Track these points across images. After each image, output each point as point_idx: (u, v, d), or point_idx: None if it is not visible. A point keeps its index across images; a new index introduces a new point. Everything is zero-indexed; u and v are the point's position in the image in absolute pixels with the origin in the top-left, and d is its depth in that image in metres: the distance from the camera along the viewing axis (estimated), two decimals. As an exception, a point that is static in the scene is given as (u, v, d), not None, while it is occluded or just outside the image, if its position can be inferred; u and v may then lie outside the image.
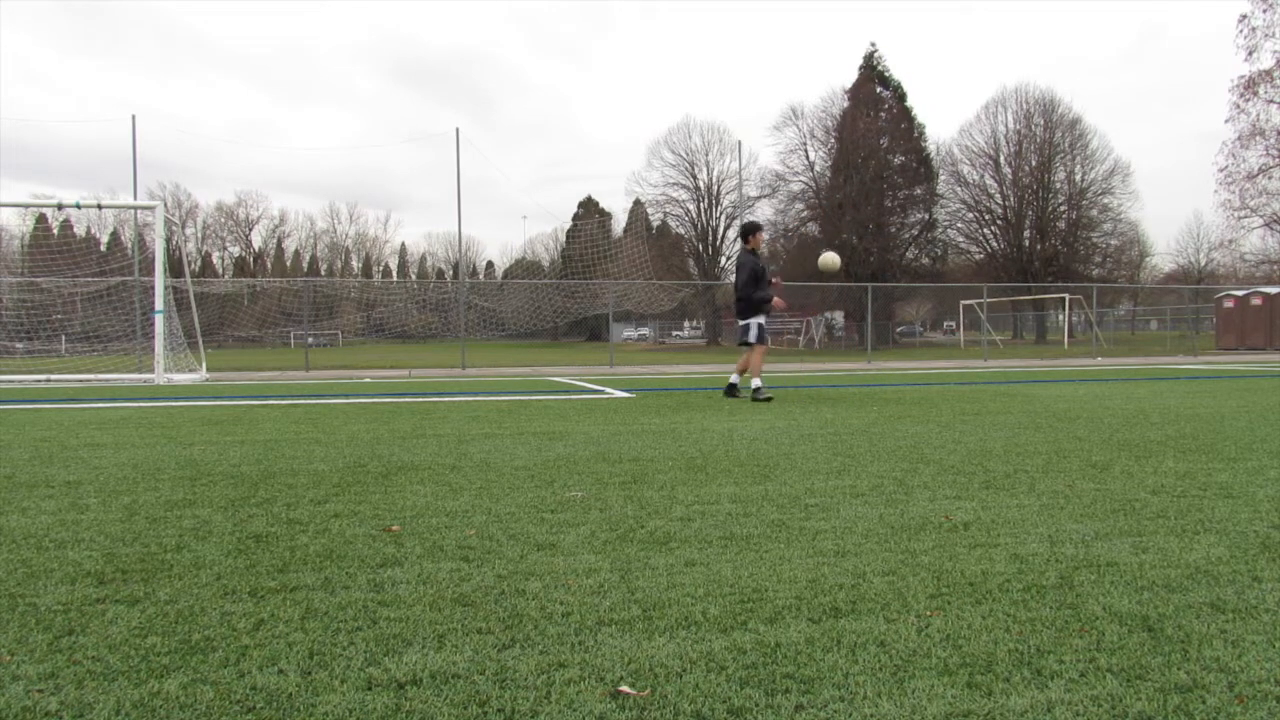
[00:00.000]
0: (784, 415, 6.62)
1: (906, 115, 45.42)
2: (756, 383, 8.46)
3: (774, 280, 8.86)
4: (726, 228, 52.85)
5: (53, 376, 13.81)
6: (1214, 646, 1.73)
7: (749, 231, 8.87)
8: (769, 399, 8.30)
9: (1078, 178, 47.38)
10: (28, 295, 20.86)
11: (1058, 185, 47.40)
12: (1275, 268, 42.74)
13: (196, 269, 64.40)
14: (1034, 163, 47.06)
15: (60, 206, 14.77)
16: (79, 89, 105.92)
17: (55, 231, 48.90)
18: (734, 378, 8.79)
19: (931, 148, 46.26)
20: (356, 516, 2.99)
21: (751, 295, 8.54)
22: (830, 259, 9.11)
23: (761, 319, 8.66)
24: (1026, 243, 47.70)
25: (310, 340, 21.68)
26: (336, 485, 3.61)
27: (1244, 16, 35.36)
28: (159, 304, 13.35)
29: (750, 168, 48.42)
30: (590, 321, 55.86)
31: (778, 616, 1.92)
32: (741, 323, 8.73)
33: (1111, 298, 55.73)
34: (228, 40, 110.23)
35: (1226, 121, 38.72)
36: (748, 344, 8.66)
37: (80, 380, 13.58)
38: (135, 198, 20.97)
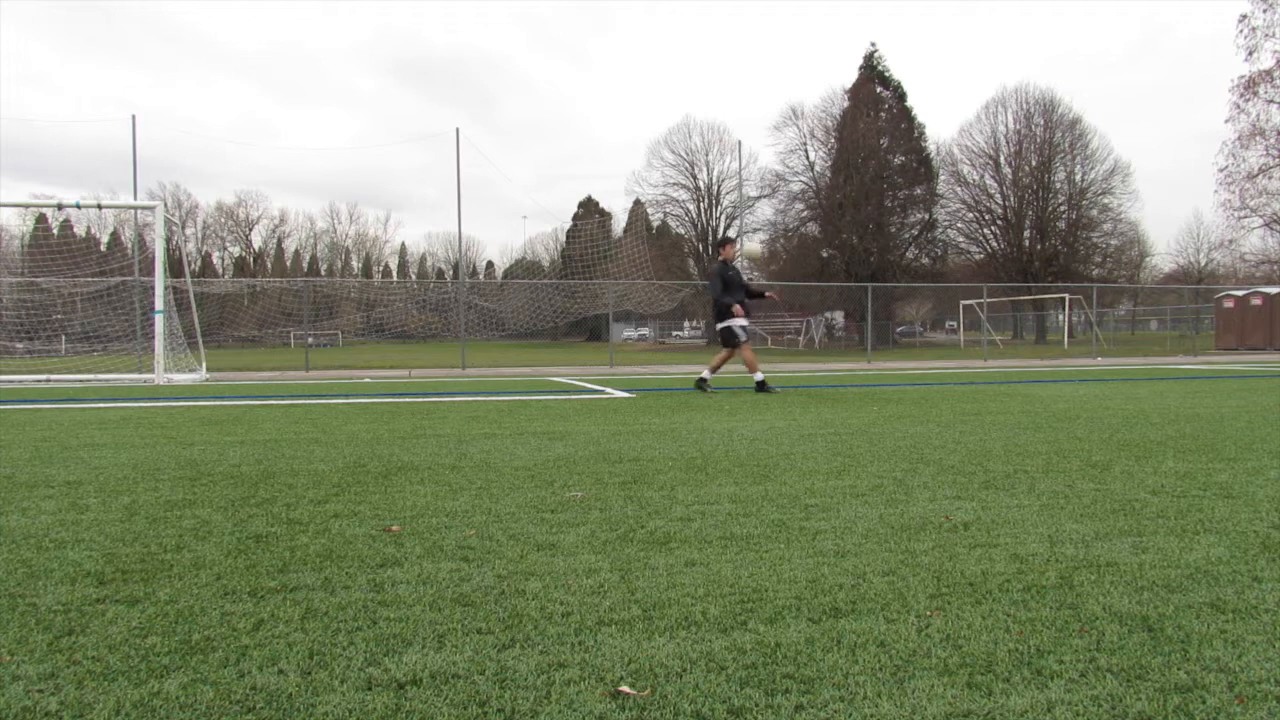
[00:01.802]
0: (784, 415, 6.62)
1: (906, 115, 45.42)
2: (708, 376, 9.64)
3: (768, 295, 10.46)
4: (726, 228, 52.87)
5: (53, 376, 13.81)
6: (1214, 646, 1.73)
7: (722, 244, 10.03)
8: (707, 388, 9.49)
9: (1078, 178, 47.40)
10: (28, 295, 20.86)
11: (1058, 185, 47.42)
12: (1275, 268, 42.74)
13: (196, 269, 64.40)
14: (1034, 163, 47.07)
15: (60, 206, 14.77)
16: (79, 89, 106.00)
17: (55, 231, 48.90)
18: (758, 375, 9.50)
19: (931, 148, 46.30)
20: (356, 516, 2.99)
21: (722, 300, 9.61)
22: (752, 249, 10.38)
23: (740, 321, 9.60)
24: (1026, 243, 47.71)
25: (310, 340, 21.68)
26: (336, 485, 3.61)
27: (1244, 16, 35.41)
28: (159, 304, 13.34)
29: (750, 168, 48.46)
30: (590, 321, 55.87)
31: (778, 616, 1.92)
32: (720, 325, 9.72)
33: (1111, 298, 55.73)
34: (228, 40, 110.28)
35: (1226, 121, 38.78)
36: (733, 345, 9.68)
37: (80, 380, 13.58)
38: (135, 198, 20.97)
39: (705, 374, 9.63)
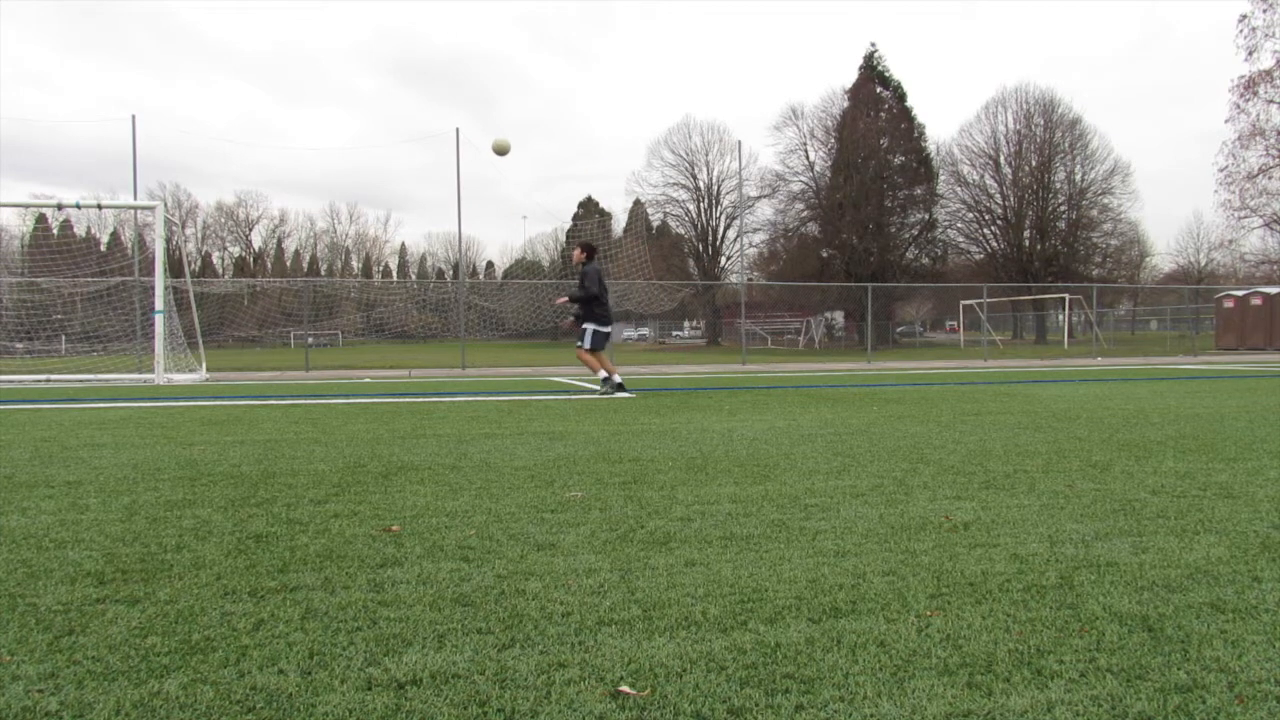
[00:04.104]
0: (784, 415, 6.63)
1: (906, 115, 45.40)
2: (603, 375, 9.54)
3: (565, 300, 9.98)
4: (726, 228, 52.85)
5: (53, 376, 13.81)
6: (1214, 646, 1.74)
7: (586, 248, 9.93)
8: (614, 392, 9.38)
9: (1078, 178, 47.38)
10: (28, 295, 20.85)
11: (1058, 185, 47.40)
12: (1275, 268, 42.74)
13: (196, 269, 64.39)
14: (1034, 163, 47.05)
15: (60, 206, 14.77)
16: (79, 89, 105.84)
17: (55, 231, 48.86)
18: (617, 377, 9.53)
19: (931, 148, 46.28)
20: (356, 516, 2.99)
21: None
22: (500, 143, 9.92)
23: (591, 325, 9.58)
24: (1026, 243, 47.70)
25: (310, 340, 21.67)
26: (336, 485, 3.61)
27: (1244, 16, 35.39)
28: (159, 304, 13.34)
29: (750, 168, 48.43)
30: (590, 321, 55.75)
31: (778, 616, 1.92)
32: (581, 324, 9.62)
33: (1111, 298, 55.70)
34: (228, 40, 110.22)
35: (1226, 121, 38.78)
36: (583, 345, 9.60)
37: (80, 380, 13.58)
38: (135, 198, 20.96)
39: (603, 375, 9.49)
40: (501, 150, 9.88)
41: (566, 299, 9.75)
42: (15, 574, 2.30)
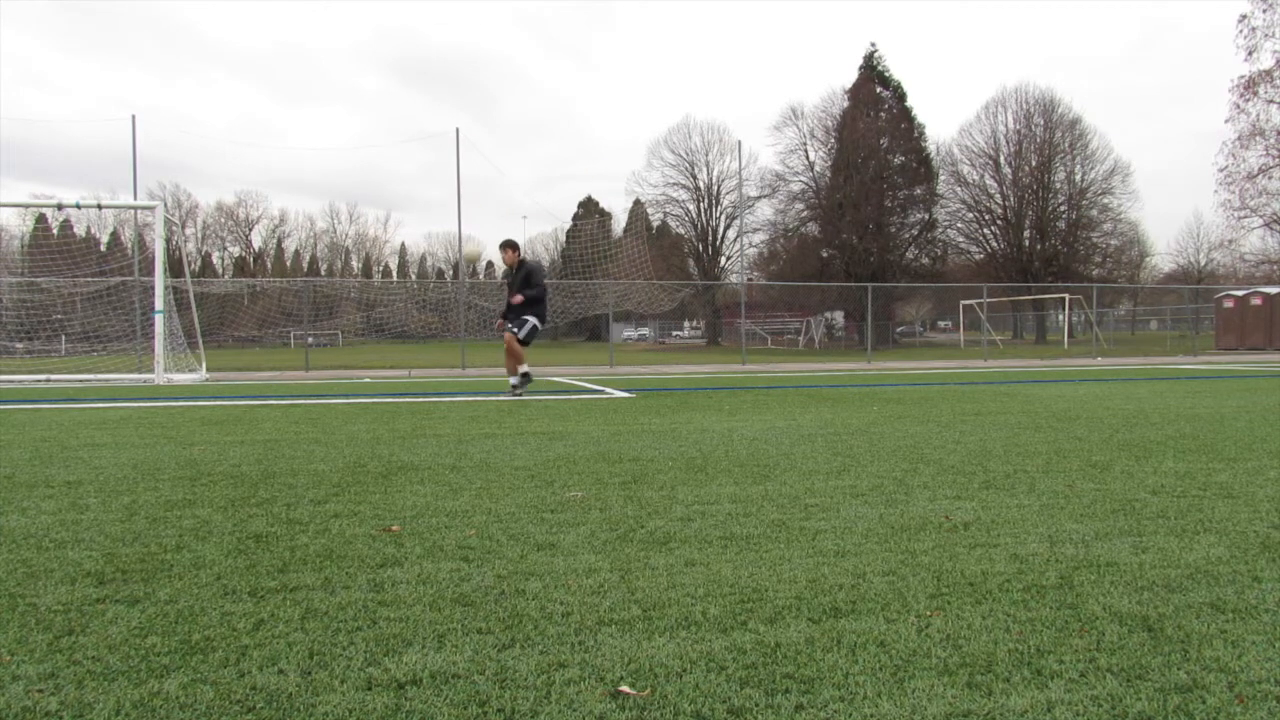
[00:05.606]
0: (784, 415, 6.63)
1: (906, 115, 45.41)
2: (524, 370, 9.13)
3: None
4: (726, 228, 52.87)
5: (53, 376, 13.81)
6: (1214, 646, 1.73)
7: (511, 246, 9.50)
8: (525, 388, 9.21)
9: (1078, 178, 47.40)
10: (28, 295, 20.85)
11: (1058, 185, 47.42)
12: (1275, 268, 42.73)
13: (196, 269, 64.37)
14: (1034, 163, 47.07)
15: (60, 206, 14.77)
16: (79, 89, 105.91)
17: (55, 231, 48.88)
18: (525, 368, 9.21)
19: (931, 148, 46.29)
20: (356, 516, 2.99)
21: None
22: (471, 251, 9.64)
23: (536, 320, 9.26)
24: (1026, 243, 47.71)
25: (310, 340, 21.66)
26: (336, 485, 3.61)
27: (1244, 16, 35.40)
28: (159, 304, 13.34)
29: (750, 168, 48.43)
30: (590, 321, 55.81)
31: (778, 616, 1.92)
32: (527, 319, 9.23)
33: (1111, 298, 55.70)
34: (228, 39, 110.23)
35: (1226, 121, 38.77)
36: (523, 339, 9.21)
37: (80, 380, 13.58)
38: (135, 198, 20.97)
39: (523, 370, 9.11)
40: (472, 259, 9.77)
41: (521, 299, 9.19)
42: (15, 574, 2.30)
